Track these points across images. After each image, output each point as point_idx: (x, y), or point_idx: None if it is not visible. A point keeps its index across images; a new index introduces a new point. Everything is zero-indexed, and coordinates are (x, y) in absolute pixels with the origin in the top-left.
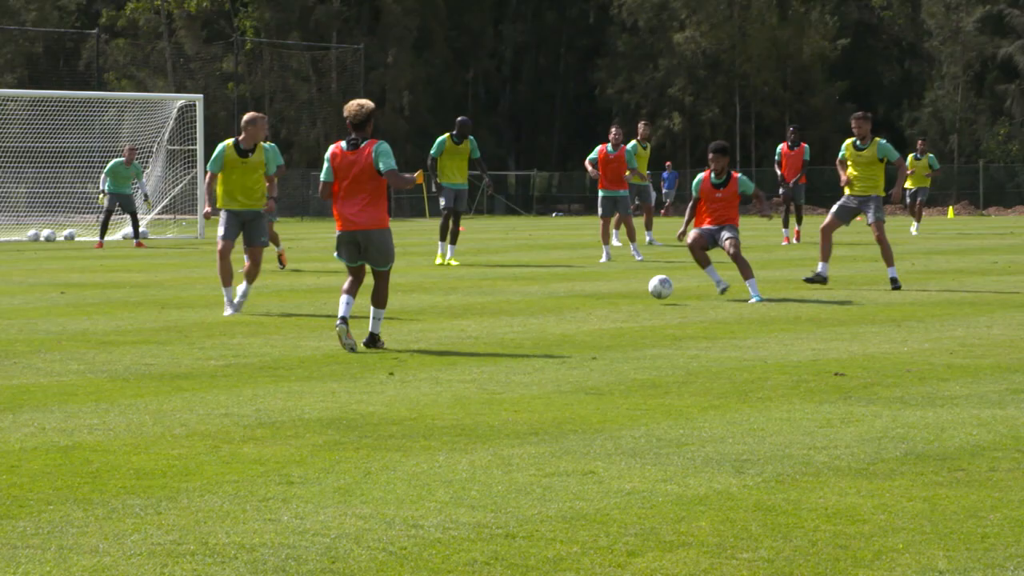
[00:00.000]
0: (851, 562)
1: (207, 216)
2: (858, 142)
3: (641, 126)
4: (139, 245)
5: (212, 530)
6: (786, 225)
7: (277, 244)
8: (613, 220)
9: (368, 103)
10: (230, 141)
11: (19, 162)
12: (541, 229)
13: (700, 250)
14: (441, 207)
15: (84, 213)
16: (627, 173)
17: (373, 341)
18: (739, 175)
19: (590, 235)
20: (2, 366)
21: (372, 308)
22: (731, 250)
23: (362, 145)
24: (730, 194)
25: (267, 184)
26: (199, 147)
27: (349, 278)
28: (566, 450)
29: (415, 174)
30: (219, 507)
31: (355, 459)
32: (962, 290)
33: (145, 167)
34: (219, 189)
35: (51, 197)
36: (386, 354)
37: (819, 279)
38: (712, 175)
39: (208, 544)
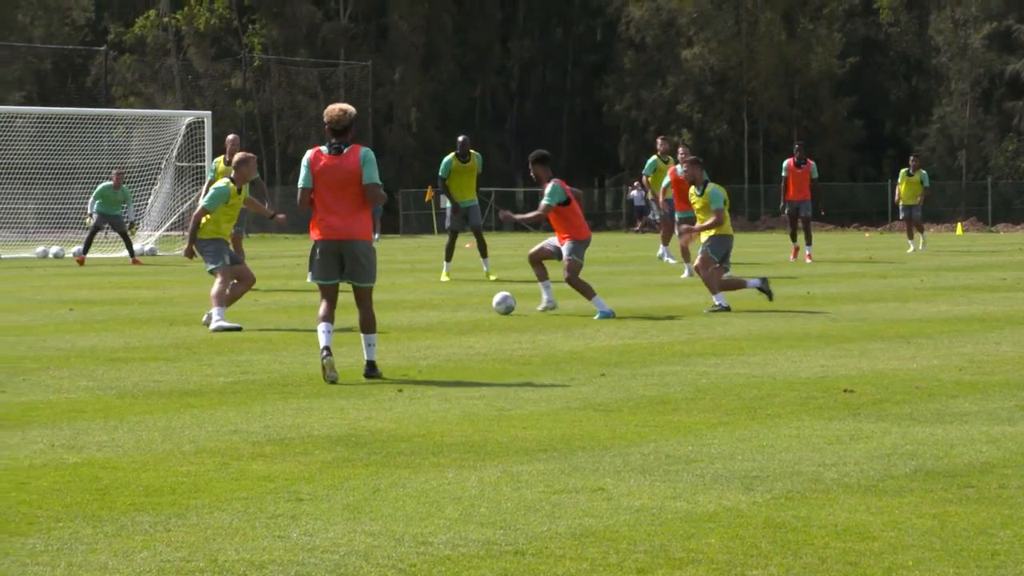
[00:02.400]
0: None
1: (189, 256)
2: (696, 190)
3: (659, 142)
4: (135, 263)
5: (221, 547)
6: (794, 239)
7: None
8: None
9: (351, 109)
10: (228, 181)
11: (27, 179)
12: None
13: (536, 262)
14: (446, 227)
15: None
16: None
17: (372, 369)
18: (551, 184)
19: (599, 251)
20: (11, 383)
21: (363, 336)
22: (564, 275)
23: (345, 151)
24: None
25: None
26: (207, 164)
27: (323, 303)
28: (575, 467)
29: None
30: (228, 524)
31: (364, 476)
32: (971, 307)
33: (153, 183)
34: (205, 220)
35: (59, 214)
36: (393, 372)
37: (720, 309)
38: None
39: (217, 561)
